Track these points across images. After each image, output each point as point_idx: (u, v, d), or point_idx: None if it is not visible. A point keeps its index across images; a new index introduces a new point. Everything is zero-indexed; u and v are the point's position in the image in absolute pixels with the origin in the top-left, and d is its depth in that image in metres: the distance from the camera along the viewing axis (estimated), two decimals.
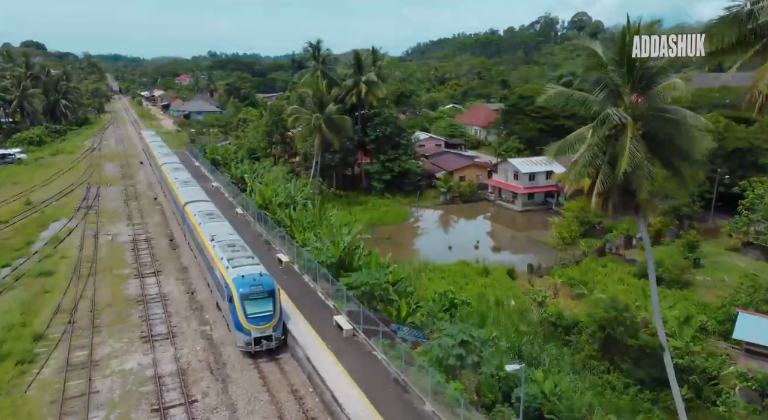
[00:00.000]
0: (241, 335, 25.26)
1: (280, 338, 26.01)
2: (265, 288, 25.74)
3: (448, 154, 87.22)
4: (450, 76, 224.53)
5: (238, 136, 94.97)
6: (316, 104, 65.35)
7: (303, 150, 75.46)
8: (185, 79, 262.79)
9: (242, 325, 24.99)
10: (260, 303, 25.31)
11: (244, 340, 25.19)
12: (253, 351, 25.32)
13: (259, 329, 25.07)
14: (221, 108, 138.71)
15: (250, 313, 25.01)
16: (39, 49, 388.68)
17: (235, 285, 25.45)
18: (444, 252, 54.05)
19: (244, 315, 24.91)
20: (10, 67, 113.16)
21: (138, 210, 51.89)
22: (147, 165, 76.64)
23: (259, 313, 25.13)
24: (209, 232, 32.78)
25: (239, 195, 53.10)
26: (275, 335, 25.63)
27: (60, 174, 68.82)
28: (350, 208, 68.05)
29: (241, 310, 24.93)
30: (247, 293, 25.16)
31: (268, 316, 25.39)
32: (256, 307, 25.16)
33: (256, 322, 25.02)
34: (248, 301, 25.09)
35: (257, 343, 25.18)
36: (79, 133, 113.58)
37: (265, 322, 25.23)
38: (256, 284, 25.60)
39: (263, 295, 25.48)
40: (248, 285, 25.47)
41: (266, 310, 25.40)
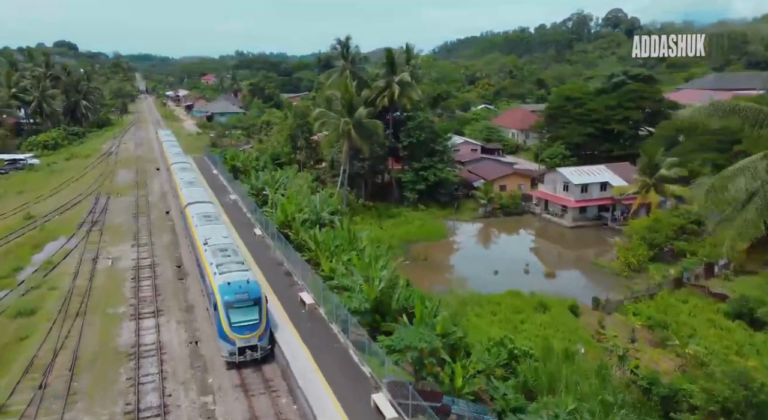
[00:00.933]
0: (225, 345, 24.24)
1: (266, 348, 24.88)
2: (251, 295, 24.68)
3: (486, 160, 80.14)
4: (480, 76, 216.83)
5: (261, 140, 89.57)
6: (345, 107, 59.20)
7: (329, 156, 69.50)
8: (211, 79, 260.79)
9: (226, 334, 24.03)
10: (245, 311, 24.35)
11: (228, 349, 24.15)
12: (237, 361, 24.13)
13: (244, 338, 24.12)
14: (245, 109, 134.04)
15: (235, 321, 24.04)
16: (71, 49, 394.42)
17: (220, 292, 24.53)
18: (489, 277, 47.26)
19: (228, 323, 23.99)
20: (30, 67, 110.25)
21: (147, 227, 46.46)
22: (163, 171, 71.54)
23: (244, 322, 24.16)
24: (204, 235, 31.82)
25: (257, 210, 47.20)
26: (261, 345, 24.54)
27: (70, 182, 64.20)
28: (381, 222, 61.84)
29: (225, 319, 24.04)
30: (231, 301, 24.24)
31: (254, 325, 24.36)
32: (241, 316, 24.24)
33: (240, 331, 24.05)
34: (233, 309, 24.14)
35: (241, 353, 24.13)
36: (99, 135, 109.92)
37: (250, 332, 24.23)
38: (242, 291, 24.60)
39: (249, 303, 24.49)
40: (233, 292, 24.48)
41: (252, 318, 24.40)
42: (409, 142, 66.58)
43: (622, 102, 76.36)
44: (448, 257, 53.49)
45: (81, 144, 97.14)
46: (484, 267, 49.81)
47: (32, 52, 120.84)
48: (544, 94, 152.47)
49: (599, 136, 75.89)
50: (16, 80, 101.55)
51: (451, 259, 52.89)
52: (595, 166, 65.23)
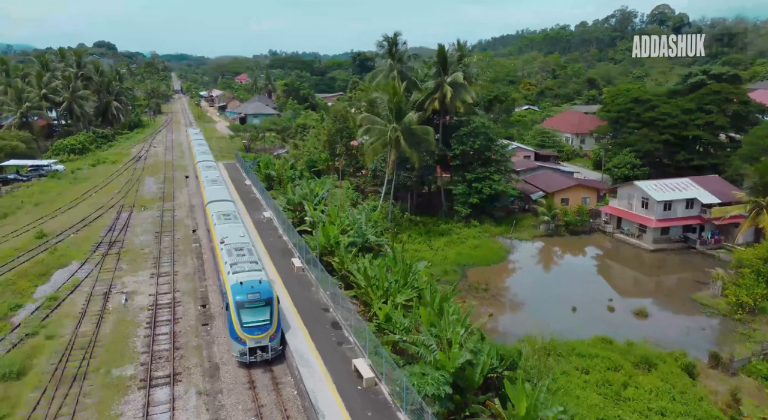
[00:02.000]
0: (236, 344, 24.27)
1: (277, 349, 24.93)
2: (263, 296, 24.67)
3: (544, 169, 72.09)
4: (521, 75, 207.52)
5: (297, 145, 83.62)
6: (392, 112, 52.36)
7: (373, 166, 62.83)
8: (245, 79, 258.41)
9: (237, 334, 24.04)
10: (257, 311, 24.34)
11: (238, 349, 24.21)
12: (248, 361, 24.17)
13: (255, 339, 24.11)
14: (279, 110, 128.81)
15: (246, 321, 24.07)
16: (110, 49, 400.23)
17: (232, 292, 24.65)
18: (566, 314, 39.73)
19: (239, 323, 24.02)
20: (61, 67, 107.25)
21: (170, 249, 40.58)
22: (193, 179, 66.22)
23: (254, 322, 24.14)
24: (221, 233, 31.98)
25: (293, 229, 40.73)
26: (272, 346, 24.52)
27: (93, 191, 59.22)
28: (430, 241, 54.83)
29: (237, 318, 24.08)
30: (243, 301, 24.27)
31: (265, 325, 24.33)
32: (252, 316, 24.24)
33: (251, 332, 24.05)
34: (244, 310, 24.15)
35: (252, 354, 24.15)
36: (129, 138, 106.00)
37: (261, 332, 24.20)
38: (254, 292, 24.65)
39: (260, 304, 24.46)
40: (245, 292, 24.55)
41: (263, 319, 24.38)
42: (461, 150, 59.35)
43: (702, 105, 67.19)
44: (512, 286, 46.02)
45: (110, 147, 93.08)
46: (557, 300, 42.25)
47: (64, 51, 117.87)
48: (596, 94, 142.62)
49: (677, 143, 66.89)
50: (47, 81, 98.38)
51: (516, 289, 45.40)
52: (679, 179, 56.62)
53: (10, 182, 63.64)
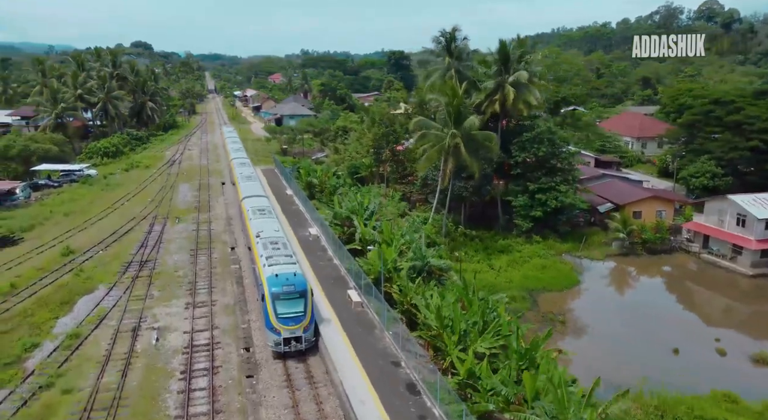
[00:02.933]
0: (270, 334, 24.74)
1: (310, 340, 25.32)
2: (297, 288, 25.07)
3: (610, 178, 65.32)
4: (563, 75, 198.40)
5: (338, 149, 78.76)
6: (451, 116, 46.80)
7: (423, 173, 57.42)
8: (278, 78, 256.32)
9: (272, 325, 24.45)
10: (291, 303, 24.77)
11: (273, 339, 24.66)
12: (282, 351, 24.60)
13: (289, 330, 24.54)
14: (315, 111, 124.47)
15: (281, 313, 24.51)
16: (146, 49, 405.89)
17: (268, 284, 25.07)
18: (666, 357, 33.60)
19: (274, 314, 24.44)
20: (96, 67, 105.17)
21: (207, 271, 35.99)
22: (229, 186, 61.98)
23: (289, 314, 24.58)
24: (257, 228, 32.40)
25: (342, 250, 35.55)
26: (305, 337, 24.95)
27: (125, 200, 55.45)
28: (490, 259, 49.18)
29: (272, 309, 24.51)
30: (278, 292, 24.70)
31: (299, 316, 24.78)
32: (287, 308, 24.66)
33: (285, 323, 24.49)
34: (279, 301, 24.63)
35: (286, 344, 24.58)
36: (163, 140, 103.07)
37: (295, 323, 24.62)
38: (289, 284, 25.01)
39: (295, 296, 24.91)
40: (281, 284, 24.94)
41: (297, 310, 24.80)
42: (523, 157, 53.45)
43: None
44: (592, 317, 39.84)
45: (144, 150, 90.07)
46: (650, 337, 36.05)
47: (100, 51, 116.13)
48: (650, 94, 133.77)
49: (766, 151, 59.27)
50: (82, 81, 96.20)
51: (597, 321, 39.19)
52: None
53: (40, 188, 60.59)
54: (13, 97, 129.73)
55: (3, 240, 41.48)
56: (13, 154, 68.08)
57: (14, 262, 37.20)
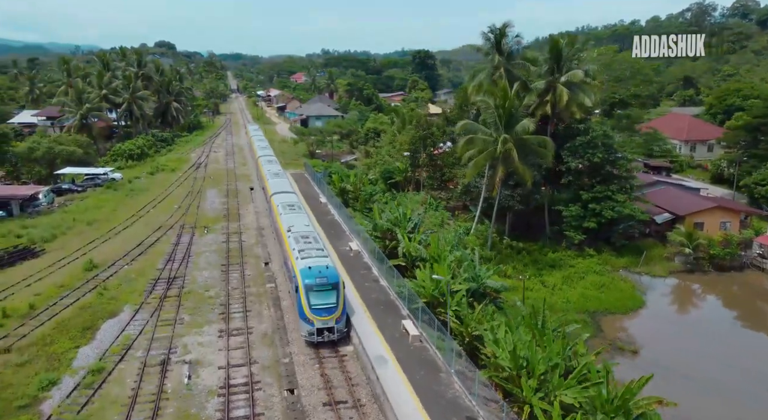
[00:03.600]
0: (304, 324, 25.55)
1: (342, 331, 26.02)
2: (330, 280, 25.88)
3: (665, 185, 60.63)
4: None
5: (369, 152, 75.29)
6: (501, 120, 42.95)
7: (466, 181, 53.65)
8: (300, 78, 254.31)
9: (306, 315, 25.29)
10: (324, 295, 25.55)
11: (307, 329, 25.48)
12: (315, 341, 25.43)
13: (322, 320, 25.28)
14: (342, 111, 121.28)
15: (314, 304, 25.29)
16: (170, 49, 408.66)
17: (302, 276, 25.86)
18: (758, 393, 29.28)
19: (308, 305, 25.23)
20: (122, 67, 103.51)
21: (240, 292, 32.76)
22: (258, 192, 59.02)
23: (322, 305, 25.34)
24: (287, 222, 33.37)
25: (387, 267, 31.97)
26: (337, 327, 25.67)
27: (150, 206, 52.73)
28: (540, 274, 45.22)
29: (306, 301, 25.30)
30: (311, 284, 25.52)
31: (331, 308, 25.49)
32: (320, 299, 25.43)
33: (318, 313, 25.23)
34: (312, 292, 25.42)
35: (319, 334, 25.35)
36: (188, 141, 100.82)
37: (328, 314, 25.35)
38: (322, 276, 25.84)
39: (327, 288, 25.68)
40: (314, 276, 25.77)
41: (329, 302, 25.52)
42: (576, 164, 49.31)
43: None
44: (667, 345, 35.48)
45: (168, 152, 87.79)
46: (740, 372, 31.71)
47: (125, 51, 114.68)
48: (692, 94, 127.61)
49: None
50: (108, 81, 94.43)
51: (674, 351, 34.79)
52: None
53: (64, 193, 58.28)
54: (39, 97, 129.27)
55: (24, 252, 38.86)
56: (38, 156, 66.08)
57: (34, 278, 34.46)
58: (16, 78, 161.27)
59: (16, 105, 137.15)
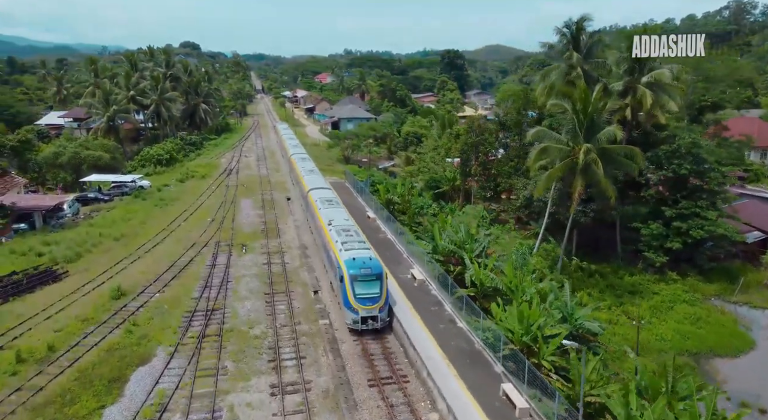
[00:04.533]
0: (349, 313, 26.60)
1: (385, 320, 27.01)
2: (374, 271, 26.93)
3: (749, 198, 54.16)
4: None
5: (410, 159, 70.11)
6: (581, 127, 37.38)
7: (524, 192, 48.21)
8: (325, 78, 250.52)
9: (351, 304, 26.35)
10: (368, 285, 26.64)
11: (351, 318, 26.53)
12: (359, 329, 26.53)
13: (366, 309, 26.26)
14: (374, 113, 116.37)
15: (359, 293, 26.37)
16: (194, 49, 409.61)
17: (347, 266, 27.02)
18: None
19: (353, 295, 26.35)
20: (150, 67, 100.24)
21: (290, 330, 27.90)
22: (295, 200, 54.39)
23: (366, 294, 26.44)
24: (327, 217, 34.71)
25: (461, 302, 26.80)
26: (381, 317, 26.66)
27: (182, 219, 48.41)
28: (620, 303, 39.62)
29: (351, 290, 26.41)
30: (356, 274, 26.61)
31: (375, 297, 26.53)
32: (365, 289, 26.53)
33: (363, 302, 26.27)
34: (357, 282, 26.54)
35: (364, 322, 26.40)
36: (217, 144, 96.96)
37: (372, 303, 26.37)
38: (366, 267, 26.89)
39: (371, 278, 26.72)
40: (358, 267, 26.84)
41: (373, 292, 26.58)
42: (658, 176, 43.51)
43: None
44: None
45: (198, 156, 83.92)
46: None
47: (153, 51, 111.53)
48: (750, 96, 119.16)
49: None
50: (135, 81, 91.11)
51: None
52: None
53: (90, 202, 54.44)
54: (66, 97, 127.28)
55: (45, 275, 34.68)
56: (63, 161, 62.64)
57: (56, 308, 30.18)
58: (44, 78, 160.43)
59: (44, 105, 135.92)
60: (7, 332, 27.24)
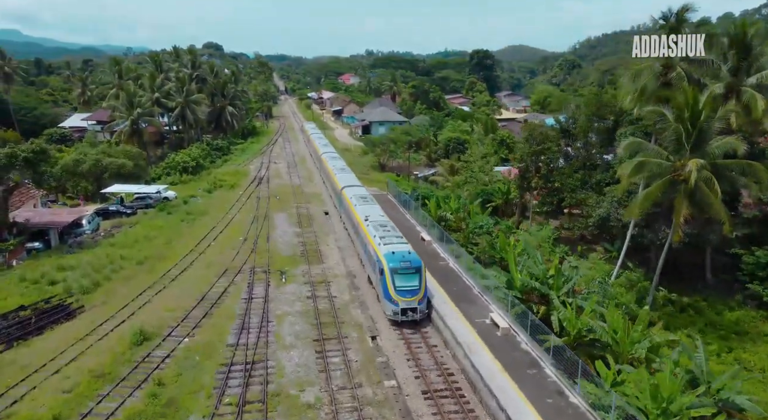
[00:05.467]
0: (389, 305, 27.63)
1: (424, 312, 27.98)
2: (413, 264, 28.03)
3: None
4: None
5: (454, 167, 64.22)
6: (689, 138, 31.16)
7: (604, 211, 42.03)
8: (348, 79, 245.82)
9: (391, 296, 27.41)
10: (408, 277, 27.63)
11: (392, 309, 27.55)
12: (399, 320, 27.51)
13: (406, 301, 27.31)
14: (407, 116, 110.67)
15: (399, 286, 27.45)
16: (217, 50, 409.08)
17: (386, 259, 28.13)
18: None
19: (393, 287, 27.39)
20: (175, 68, 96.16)
21: (350, 397, 22.35)
22: (335, 216, 49.08)
23: (406, 287, 27.46)
24: (363, 213, 35.89)
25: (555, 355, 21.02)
26: (420, 308, 27.62)
27: (211, 237, 43.39)
28: (729, 347, 33.29)
29: (391, 283, 27.44)
30: (396, 268, 27.67)
31: (415, 290, 27.57)
32: (404, 281, 27.51)
33: (403, 295, 27.33)
34: (397, 275, 27.55)
35: (403, 314, 27.38)
36: (244, 150, 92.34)
37: (411, 295, 27.42)
38: (405, 260, 28.07)
39: (411, 271, 27.77)
40: (398, 260, 28.02)
41: (413, 284, 27.61)
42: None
43: None
44: None
45: (225, 162, 79.33)
46: None
47: (179, 51, 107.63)
48: None
49: None
50: (160, 83, 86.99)
51: None
52: None
53: (111, 215, 49.88)
54: (91, 99, 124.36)
55: (58, 311, 29.80)
56: (84, 169, 58.30)
57: (66, 356, 25.21)
58: (68, 79, 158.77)
59: (69, 107, 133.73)
60: (7, 392, 22.28)
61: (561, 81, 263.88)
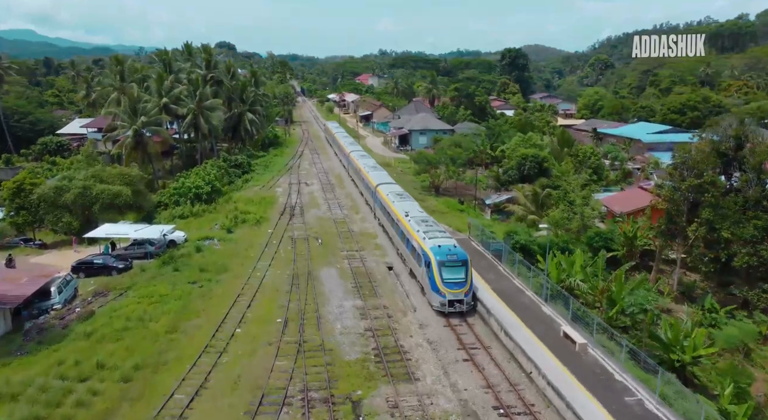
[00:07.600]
0: (436, 297, 28.41)
1: (470, 304, 28.68)
2: (459, 258, 28.74)
3: None
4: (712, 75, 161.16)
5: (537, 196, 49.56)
6: None
7: None
8: (367, 79, 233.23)
9: (438, 288, 28.18)
10: (454, 270, 28.27)
11: (439, 300, 28.30)
12: (446, 311, 28.19)
13: (453, 293, 28.07)
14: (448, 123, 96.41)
15: (446, 278, 28.11)
16: (230, 49, 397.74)
17: (433, 253, 28.75)
18: None
19: (440, 279, 28.08)
20: (186, 69, 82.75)
21: None
22: (402, 272, 35.25)
23: (453, 279, 28.13)
24: (402, 209, 36.88)
25: None
26: (466, 300, 28.40)
27: (236, 318, 29.50)
28: None
29: (438, 275, 28.14)
30: (443, 261, 28.39)
31: (461, 282, 28.24)
32: (451, 274, 28.18)
33: (450, 287, 28.06)
34: (444, 268, 28.22)
35: (451, 305, 28.09)
36: (267, 165, 78.52)
37: (458, 288, 28.13)
38: (452, 254, 28.80)
39: (457, 264, 28.47)
40: (444, 254, 28.70)
41: (459, 277, 28.25)
42: None
43: None
44: None
45: (245, 182, 65.76)
46: None
47: (191, 48, 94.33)
48: None
49: None
50: (169, 86, 73.80)
51: None
52: None
53: (98, 273, 36.29)
54: (96, 101, 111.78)
55: None
56: (68, 200, 45.06)
57: None
58: (74, 80, 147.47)
59: (75, 108, 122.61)
60: None
61: (594, 81, 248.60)
